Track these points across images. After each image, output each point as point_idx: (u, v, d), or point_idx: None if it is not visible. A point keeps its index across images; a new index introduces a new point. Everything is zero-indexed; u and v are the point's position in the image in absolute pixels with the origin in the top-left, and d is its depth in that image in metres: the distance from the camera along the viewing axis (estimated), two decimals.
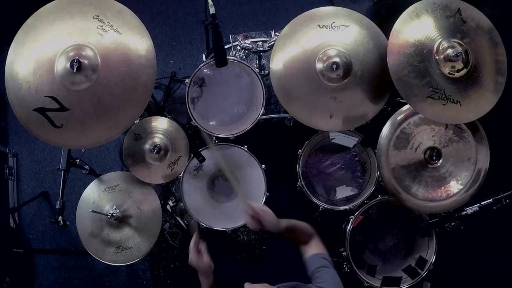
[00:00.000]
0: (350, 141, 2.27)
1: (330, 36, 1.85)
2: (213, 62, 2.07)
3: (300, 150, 2.23)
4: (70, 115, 1.61)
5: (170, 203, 2.47)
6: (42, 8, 1.69)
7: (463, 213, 1.90)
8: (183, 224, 2.50)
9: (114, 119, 1.63)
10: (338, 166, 2.31)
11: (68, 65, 1.57)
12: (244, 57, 2.60)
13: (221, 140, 2.24)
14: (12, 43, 1.65)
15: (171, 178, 2.11)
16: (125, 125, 1.67)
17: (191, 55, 3.14)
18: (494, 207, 1.88)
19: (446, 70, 1.71)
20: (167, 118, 2.16)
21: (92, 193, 2.10)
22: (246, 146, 2.21)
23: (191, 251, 1.52)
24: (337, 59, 1.80)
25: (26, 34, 1.66)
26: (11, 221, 2.84)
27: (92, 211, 1.94)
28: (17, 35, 1.66)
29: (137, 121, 2.10)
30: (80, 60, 1.57)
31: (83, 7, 1.67)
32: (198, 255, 1.52)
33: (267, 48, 2.28)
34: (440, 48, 1.71)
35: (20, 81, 1.62)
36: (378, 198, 2.16)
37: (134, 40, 1.66)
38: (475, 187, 1.92)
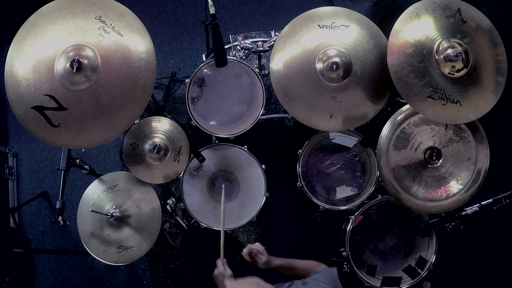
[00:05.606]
0: (350, 141, 2.27)
1: (330, 36, 1.85)
2: (213, 62, 2.07)
3: (300, 150, 2.23)
4: (68, 115, 1.61)
5: (170, 203, 2.46)
6: (45, 6, 1.68)
7: (463, 213, 1.90)
8: (183, 224, 2.49)
9: (112, 120, 1.62)
10: (338, 166, 2.31)
11: (68, 64, 1.57)
12: (244, 57, 2.60)
13: (221, 140, 2.24)
14: (14, 39, 1.64)
15: (171, 178, 2.11)
16: (123, 127, 1.66)
17: (191, 55, 3.15)
18: (494, 207, 1.88)
19: (446, 70, 1.71)
20: (167, 118, 2.15)
21: (92, 194, 2.10)
22: (246, 146, 2.21)
23: (218, 268, 1.73)
24: (337, 59, 1.79)
25: (27, 31, 1.64)
26: (11, 221, 2.84)
27: (92, 211, 1.94)
28: (18, 32, 1.65)
29: (137, 121, 2.10)
30: (80, 60, 1.56)
31: (85, 7, 1.66)
32: (223, 270, 1.72)
33: (267, 48, 2.28)
34: (440, 48, 1.71)
35: (19, 78, 1.61)
36: (378, 198, 2.17)
37: (135, 43, 1.65)
38: (475, 187, 1.91)
